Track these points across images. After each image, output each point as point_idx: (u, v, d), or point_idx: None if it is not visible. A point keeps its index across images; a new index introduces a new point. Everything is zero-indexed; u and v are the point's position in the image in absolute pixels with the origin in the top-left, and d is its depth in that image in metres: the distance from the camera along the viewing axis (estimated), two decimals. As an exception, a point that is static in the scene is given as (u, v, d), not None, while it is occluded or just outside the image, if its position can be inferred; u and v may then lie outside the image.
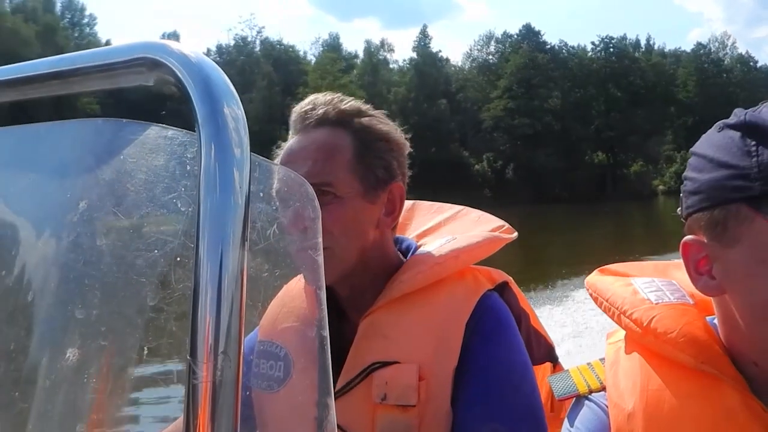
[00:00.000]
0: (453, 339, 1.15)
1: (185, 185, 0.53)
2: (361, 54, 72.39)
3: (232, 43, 70.50)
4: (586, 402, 0.94)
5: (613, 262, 1.05)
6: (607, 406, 0.90)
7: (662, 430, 0.82)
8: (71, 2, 67.32)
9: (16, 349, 0.65)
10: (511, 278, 1.33)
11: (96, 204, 0.60)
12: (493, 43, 73.30)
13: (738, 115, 0.81)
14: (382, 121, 1.26)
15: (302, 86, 60.69)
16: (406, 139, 1.29)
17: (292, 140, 1.23)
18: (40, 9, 62.27)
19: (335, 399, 1.12)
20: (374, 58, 69.03)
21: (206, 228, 0.43)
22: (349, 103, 1.25)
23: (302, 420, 0.69)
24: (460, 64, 74.41)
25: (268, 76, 63.78)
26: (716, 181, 0.80)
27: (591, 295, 0.99)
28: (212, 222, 0.43)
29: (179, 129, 0.54)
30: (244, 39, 69.53)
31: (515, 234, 1.33)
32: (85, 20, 68.09)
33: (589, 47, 73.92)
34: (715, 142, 0.82)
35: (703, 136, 0.86)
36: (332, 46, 72.09)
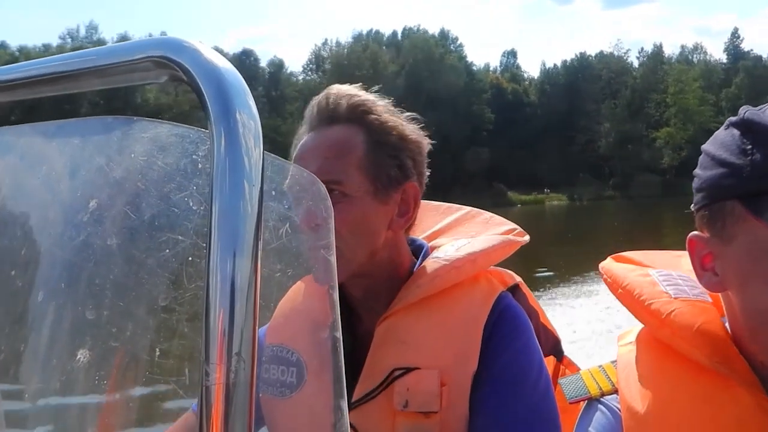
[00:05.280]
0: (472, 343, 1.14)
1: (197, 183, 0.52)
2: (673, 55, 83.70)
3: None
4: (599, 405, 0.93)
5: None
6: (619, 409, 0.89)
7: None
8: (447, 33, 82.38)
9: (26, 350, 0.64)
10: (521, 279, 1.32)
11: (106, 203, 0.60)
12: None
13: (741, 112, 0.82)
14: (398, 119, 1.23)
15: (659, 93, 73.35)
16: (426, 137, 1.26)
17: (306, 136, 1.21)
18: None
19: (356, 407, 1.12)
20: (708, 64, 79.00)
21: (219, 227, 0.42)
22: (366, 98, 1.21)
23: (318, 426, 0.68)
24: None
25: (631, 87, 75.78)
26: (715, 178, 0.81)
27: (605, 280, 0.99)
28: (225, 221, 0.43)
29: (190, 127, 0.54)
30: (582, 54, 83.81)
31: (527, 237, 1.32)
32: (455, 46, 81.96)
33: None
34: (719, 140, 0.84)
35: (715, 132, 0.87)
36: (655, 55, 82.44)
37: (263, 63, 79.86)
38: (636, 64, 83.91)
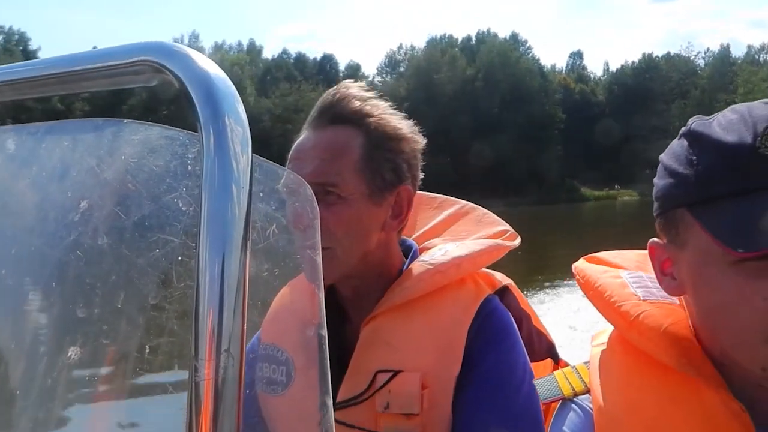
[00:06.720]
0: (456, 346, 1.15)
1: (186, 185, 0.53)
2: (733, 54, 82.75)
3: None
4: (571, 405, 0.95)
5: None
6: (591, 409, 0.91)
7: (645, 431, 0.84)
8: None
9: (17, 347, 0.65)
10: (512, 281, 1.33)
11: (97, 203, 0.60)
12: None
13: (689, 123, 0.86)
14: (396, 121, 1.23)
15: (728, 93, 70.76)
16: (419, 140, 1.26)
17: (303, 136, 1.20)
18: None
19: (342, 409, 1.13)
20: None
21: (208, 228, 0.44)
22: (366, 100, 1.22)
23: (306, 423, 0.69)
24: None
25: (701, 87, 76.68)
26: (667, 187, 0.85)
27: (578, 281, 1.00)
28: (214, 222, 0.44)
29: (180, 129, 0.54)
30: (650, 56, 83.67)
31: (518, 240, 1.32)
32: (524, 48, 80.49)
33: None
34: (672, 150, 0.87)
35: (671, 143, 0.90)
36: (723, 56, 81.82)
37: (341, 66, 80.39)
38: (702, 63, 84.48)
